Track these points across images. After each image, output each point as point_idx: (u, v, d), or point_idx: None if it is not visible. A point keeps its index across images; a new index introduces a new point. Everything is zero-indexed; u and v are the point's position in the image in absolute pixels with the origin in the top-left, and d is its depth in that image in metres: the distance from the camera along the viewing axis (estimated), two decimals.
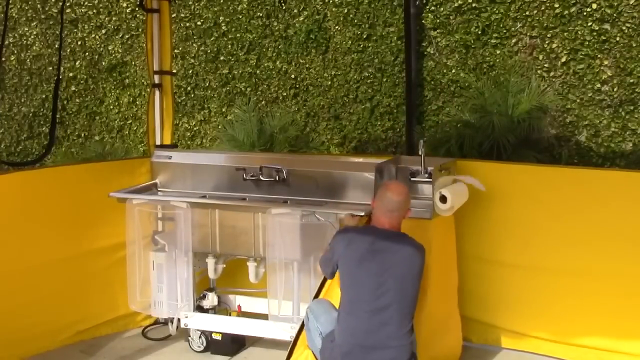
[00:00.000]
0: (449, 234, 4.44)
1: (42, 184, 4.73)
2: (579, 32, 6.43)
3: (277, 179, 4.69)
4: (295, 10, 7.78)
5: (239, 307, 4.81)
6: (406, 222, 4.11)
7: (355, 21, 7.44)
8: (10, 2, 8.75)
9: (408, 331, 3.66)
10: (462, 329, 4.66)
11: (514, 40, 6.72)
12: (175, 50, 8.20)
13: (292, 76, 7.83)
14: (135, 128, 8.91)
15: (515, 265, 4.56)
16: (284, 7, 7.83)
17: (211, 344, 4.76)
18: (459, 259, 4.56)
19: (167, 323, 4.91)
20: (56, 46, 9.25)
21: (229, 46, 8.17)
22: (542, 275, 4.49)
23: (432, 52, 7.08)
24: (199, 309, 4.76)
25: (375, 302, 3.62)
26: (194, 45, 8.38)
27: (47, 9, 9.39)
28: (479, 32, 6.84)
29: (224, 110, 8.29)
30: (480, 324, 4.72)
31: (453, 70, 7.00)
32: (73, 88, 9.20)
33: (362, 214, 4.14)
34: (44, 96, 9.50)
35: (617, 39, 6.29)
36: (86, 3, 9.06)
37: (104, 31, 9.00)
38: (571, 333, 4.48)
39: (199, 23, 8.34)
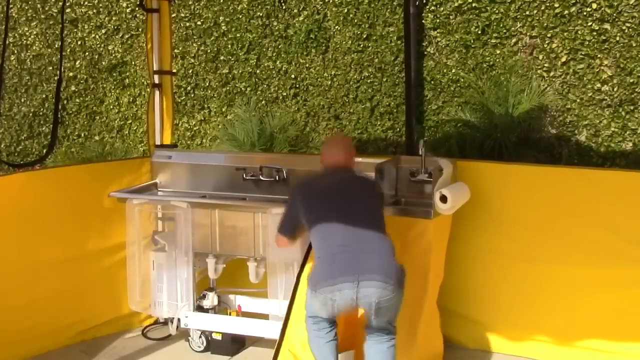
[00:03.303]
0: (446, 233, 4.43)
1: (42, 185, 4.72)
2: (579, 32, 6.43)
3: (277, 178, 4.69)
4: (295, 10, 7.77)
5: (239, 307, 4.81)
6: (406, 222, 4.12)
7: (355, 21, 7.44)
8: (11, 1, 8.75)
9: (387, 243, 3.64)
10: (463, 332, 4.68)
11: (514, 40, 6.72)
12: (175, 50, 8.20)
13: (292, 76, 7.83)
14: (135, 128, 8.91)
15: (514, 266, 4.55)
16: (284, 7, 7.83)
17: (211, 344, 4.76)
18: (458, 260, 4.55)
19: (167, 323, 4.91)
20: (56, 46, 9.26)
21: (229, 46, 8.17)
22: (542, 275, 4.48)
23: (432, 52, 7.08)
24: (199, 309, 4.76)
25: (345, 229, 3.62)
26: (194, 45, 8.38)
27: (47, 9, 9.39)
28: (479, 32, 6.84)
29: (224, 110, 8.28)
30: (481, 326, 4.71)
31: (453, 70, 7.00)
32: (73, 88, 9.20)
33: None
34: (44, 96, 9.50)
35: (617, 38, 6.29)
36: (86, 3, 9.06)
37: (104, 31, 9.00)
38: (570, 334, 4.47)
39: (199, 23, 8.34)
